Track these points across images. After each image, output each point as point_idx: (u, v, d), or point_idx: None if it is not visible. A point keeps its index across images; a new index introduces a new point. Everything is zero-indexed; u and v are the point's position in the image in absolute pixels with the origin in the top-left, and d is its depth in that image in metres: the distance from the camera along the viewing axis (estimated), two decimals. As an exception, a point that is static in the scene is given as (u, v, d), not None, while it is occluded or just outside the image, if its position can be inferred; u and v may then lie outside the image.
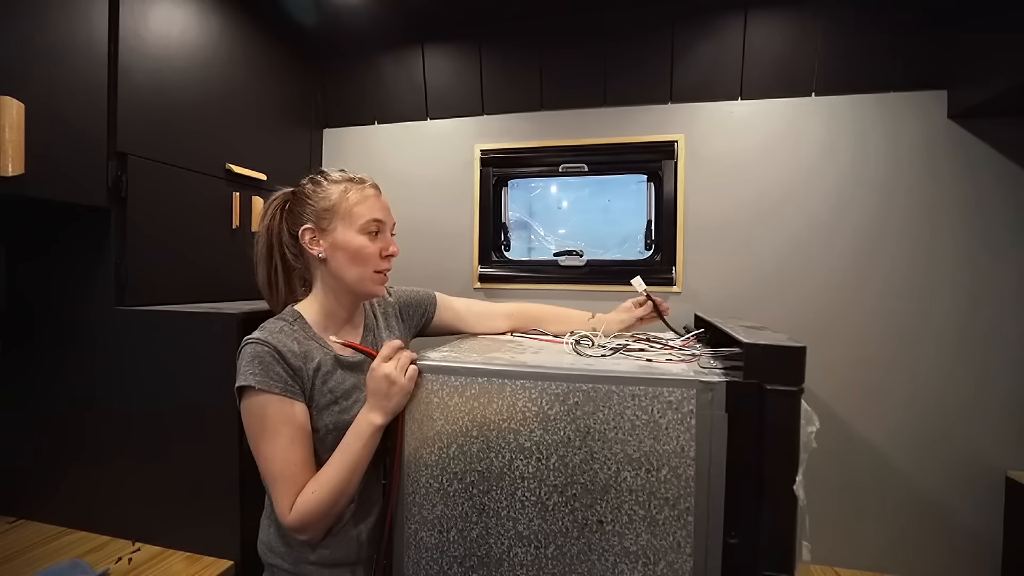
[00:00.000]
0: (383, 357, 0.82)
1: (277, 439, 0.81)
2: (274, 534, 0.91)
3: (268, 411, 0.82)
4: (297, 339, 0.87)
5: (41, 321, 1.21)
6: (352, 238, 0.89)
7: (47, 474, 1.22)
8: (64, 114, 1.02)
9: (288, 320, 0.90)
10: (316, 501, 0.80)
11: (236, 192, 1.41)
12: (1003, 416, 1.29)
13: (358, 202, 0.90)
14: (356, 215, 0.90)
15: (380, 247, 0.92)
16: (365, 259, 0.90)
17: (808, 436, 0.69)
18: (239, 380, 0.83)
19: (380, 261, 0.92)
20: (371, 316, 1.03)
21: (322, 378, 0.87)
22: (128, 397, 1.15)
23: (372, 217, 0.90)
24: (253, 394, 0.81)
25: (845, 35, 1.37)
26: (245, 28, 1.46)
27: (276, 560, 0.90)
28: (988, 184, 1.30)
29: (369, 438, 0.82)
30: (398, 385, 0.80)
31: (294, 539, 0.87)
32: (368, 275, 0.91)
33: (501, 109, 1.65)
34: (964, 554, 1.31)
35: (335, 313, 0.94)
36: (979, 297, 1.31)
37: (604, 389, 0.74)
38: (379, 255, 0.92)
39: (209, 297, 1.33)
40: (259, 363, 0.82)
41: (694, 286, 1.50)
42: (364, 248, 0.90)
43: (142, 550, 1.12)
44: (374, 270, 0.92)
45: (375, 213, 0.91)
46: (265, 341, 0.84)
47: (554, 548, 0.76)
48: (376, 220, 0.91)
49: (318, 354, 0.88)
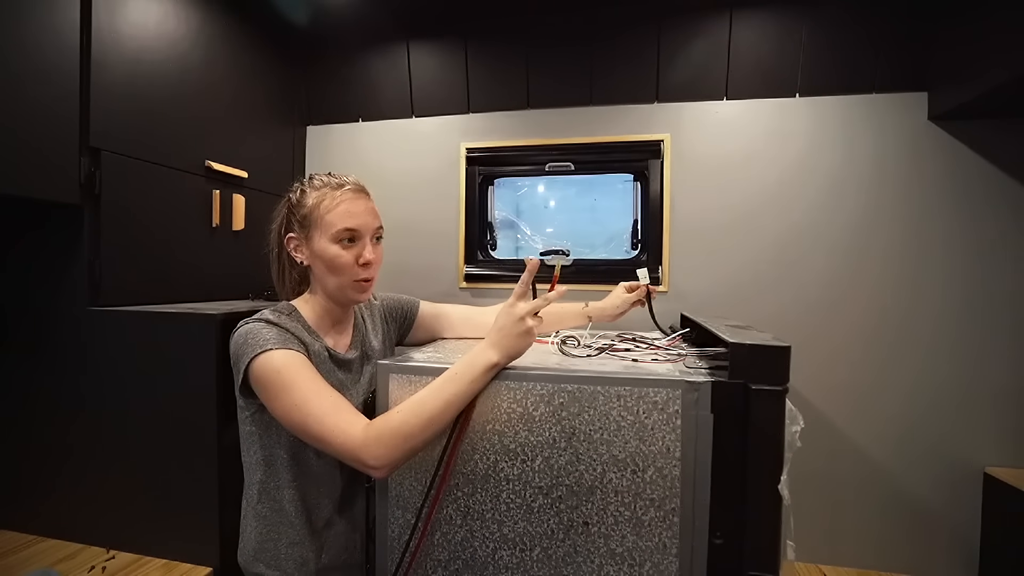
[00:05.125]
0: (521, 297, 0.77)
1: (299, 381, 0.77)
2: (258, 539, 0.87)
3: (277, 362, 0.78)
4: (293, 327, 0.87)
5: (10, 322, 1.17)
6: (326, 247, 0.87)
7: (17, 480, 1.18)
8: (32, 107, 0.98)
9: (284, 312, 0.89)
10: (400, 420, 0.72)
11: (216, 190, 1.38)
12: (982, 414, 1.31)
13: (330, 209, 0.87)
14: (327, 224, 0.87)
15: (356, 255, 0.88)
16: (340, 269, 0.87)
17: (793, 436, 0.69)
18: (242, 358, 0.80)
19: (358, 269, 0.88)
20: (360, 318, 1.02)
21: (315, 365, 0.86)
22: (102, 400, 1.12)
23: (342, 226, 0.86)
24: (258, 359, 0.78)
25: (829, 36, 1.39)
26: (226, 22, 1.42)
27: (261, 568, 0.87)
28: (971, 185, 1.32)
29: (480, 374, 0.74)
30: (531, 336, 0.77)
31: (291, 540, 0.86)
32: (347, 283, 0.89)
33: (487, 107, 1.63)
34: (943, 549, 1.33)
35: (326, 315, 0.94)
36: (961, 297, 1.33)
37: (589, 390, 0.73)
38: (355, 263, 0.88)
39: (188, 297, 1.30)
40: (258, 333, 0.81)
41: (680, 285, 1.50)
42: (337, 257, 0.87)
43: (117, 558, 1.08)
44: (352, 279, 0.88)
45: (345, 221, 0.86)
46: (262, 318, 0.84)
47: (539, 550, 0.76)
48: (347, 229, 0.87)
49: (313, 344, 0.88)
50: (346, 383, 0.92)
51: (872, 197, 1.38)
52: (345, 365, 0.93)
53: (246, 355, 0.80)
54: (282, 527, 0.87)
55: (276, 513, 0.87)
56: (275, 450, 0.87)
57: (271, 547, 0.87)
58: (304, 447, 0.86)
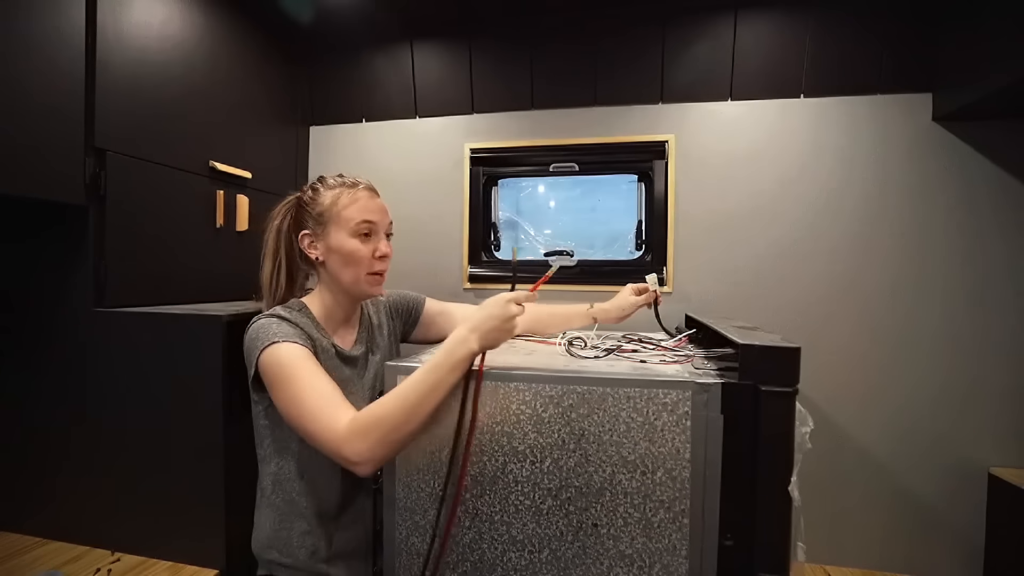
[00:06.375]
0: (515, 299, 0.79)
1: (298, 375, 0.79)
2: (272, 528, 0.91)
3: (282, 356, 0.81)
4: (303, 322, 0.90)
5: (16, 323, 1.17)
6: (344, 241, 0.91)
7: (22, 482, 1.17)
8: (37, 108, 0.98)
9: (295, 308, 0.92)
10: (382, 413, 0.73)
11: (220, 190, 1.38)
12: (985, 414, 1.31)
13: (348, 205, 0.91)
14: (346, 218, 0.91)
15: (372, 248, 0.93)
16: (358, 261, 0.91)
17: (803, 437, 0.69)
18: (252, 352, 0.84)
19: (374, 262, 0.93)
20: (366, 314, 1.04)
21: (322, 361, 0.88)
22: (107, 402, 1.12)
23: (362, 219, 0.91)
24: (266, 352, 0.82)
25: (833, 37, 1.39)
26: (229, 22, 1.42)
27: (273, 555, 0.91)
28: (975, 186, 1.32)
29: (461, 362, 0.75)
30: (512, 330, 0.79)
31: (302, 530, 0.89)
32: (362, 276, 0.93)
33: (491, 108, 1.63)
34: (947, 549, 1.33)
35: (334, 312, 0.97)
36: (964, 298, 1.33)
37: (599, 391, 0.73)
38: (372, 256, 0.92)
39: (192, 298, 1.30)
40: (268, 328, 0.85)
41: (685, 286, 1.50)
42: (356, 251, 0.91)
43: (122, 560, 1.08)
44: (367, 272, 0.93)
45: (365, 215, 0.91)
46: (274, 314, 0.88)
47: (548, 552, 0.75)
48: (366, 221, 0.91)
49: (321, 340, 0.91)
50: (352, 379, 0.94)
51: (876, 198, 1.38)
52: (351, 361, 0.96)
53: (256, 348, 0.83)
54: (294, 517, 0.90)
55: (288, 504, 0.91)
56: (287, 443, 0.90)
57: (284, 536, 0.90)
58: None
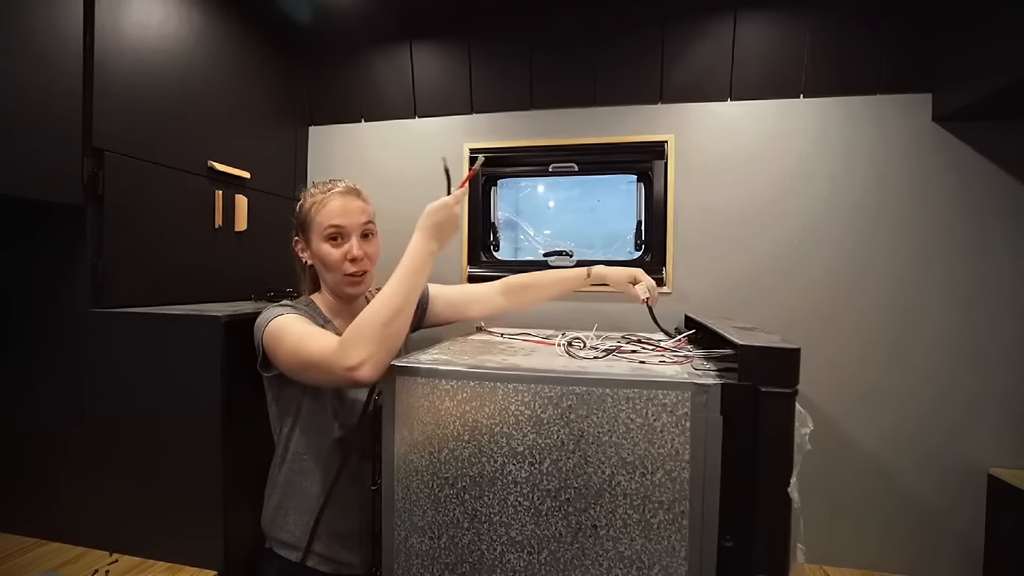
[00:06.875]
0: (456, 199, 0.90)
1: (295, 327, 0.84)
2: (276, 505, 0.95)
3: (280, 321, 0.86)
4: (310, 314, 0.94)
5: (12, 323, 1.16)
6: (318, 246, 0.94)
7: (20, 484, 1.17)
8: (35, 107, 0.97)
9: (302, 303, 0.98)
10: (367, 315, 0.79)
11: (219, 190, 1.37)
12: (986, 415, 1.31)
13: (319, 210, 0.94)
14: (318, 223, 0.94)
15: (344, 252, 0.94)
16: (332, 266, 0.94)
17: (802, 438, 0.69)
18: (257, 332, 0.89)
19: (347, 264, 0.94)
20: None
21: None
22: (105, 402, 1.11)
23: (328, 223, 0.93)
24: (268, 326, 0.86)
25: (833, 37, 1.38)
26: (228, 22, 1.42)
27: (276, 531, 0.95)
28: (975, 186, 1.32)
29: (425, 263, 0.85)
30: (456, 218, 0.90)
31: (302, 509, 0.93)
32: (340, 279, 0.95)
33: (491, 108, 1.63)
34: (947, 550, 1.33)
35: (337, 309, 1.02)
36: (965, 298, 1.33)
37: (598, 392, 0.73)
38: (344, 259, 0.94)
39: (190, 298, 1.29)
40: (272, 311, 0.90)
41: (684, 287, 1.50)
42: (328, 255, 0.93)
43: (120, 561, 1.08)
44: (343, 274, 0.95)
45: (331, 219, 0.93)
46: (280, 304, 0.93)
47: (547, 554, 0.75)
48: (332, 226, 0.93)
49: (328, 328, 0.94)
50: None
51: (875, 198, 1.38)
52: None
53: (260, 328, 0.88)
54: (296, 496, 0.95)
55: (290, 485, 0.96)
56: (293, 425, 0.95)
57: (284, 513, 0.95)
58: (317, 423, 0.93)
